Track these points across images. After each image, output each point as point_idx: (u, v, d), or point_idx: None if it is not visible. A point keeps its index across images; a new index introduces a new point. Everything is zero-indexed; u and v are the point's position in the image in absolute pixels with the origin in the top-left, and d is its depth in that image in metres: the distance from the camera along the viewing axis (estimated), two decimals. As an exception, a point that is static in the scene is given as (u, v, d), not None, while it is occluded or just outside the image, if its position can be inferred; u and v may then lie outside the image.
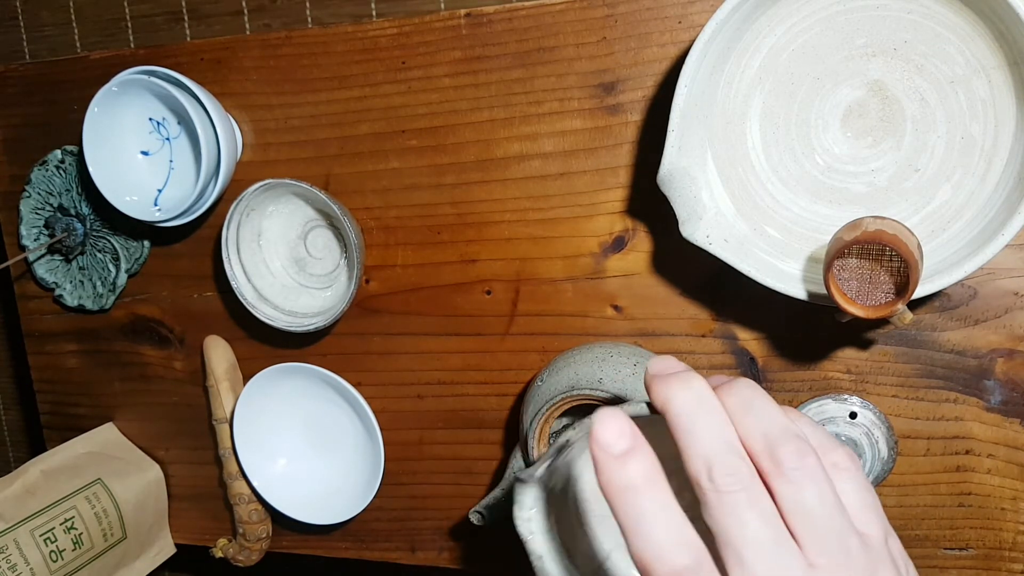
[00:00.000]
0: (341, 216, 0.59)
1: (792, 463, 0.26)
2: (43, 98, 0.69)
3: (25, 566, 0.60)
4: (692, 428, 0.26)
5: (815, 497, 0.25)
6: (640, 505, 0.25)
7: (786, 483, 0.26)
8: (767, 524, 0.25)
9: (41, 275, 0.71)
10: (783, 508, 0.26)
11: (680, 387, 0.28)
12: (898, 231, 0.43)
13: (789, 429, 0.27)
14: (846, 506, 0.26)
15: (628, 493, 0.25)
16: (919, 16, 0.48)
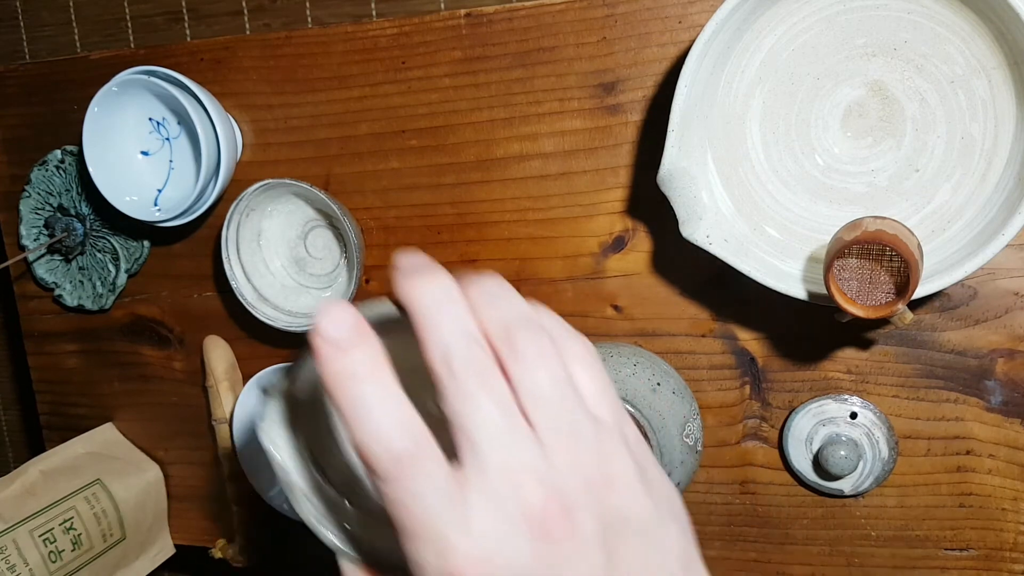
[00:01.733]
0: (341, 216, 0.59)
1: (526, 347, 0.26)
2: (43, 98, 0.69)
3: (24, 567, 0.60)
4: (433, 319, 0.26)
5: (547, 380, 0.26)
6: (360, 391, 0.25)
7: (520, 366, 0.26)
8: (500, 408, 0.25)
9: (41, 275, 0.71)
10: (517, 392, 0.26)
11: (423, 280, 0.27)
12: (898, 231, 0.43)
13: (528, 317, 0.27)
14: (581, 392, 0.27)
15: (348, 380, 0.25)
16: (919, 16, 0.48)
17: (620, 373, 0.52)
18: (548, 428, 0.26)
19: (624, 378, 0.52)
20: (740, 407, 0.58)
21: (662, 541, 0.27)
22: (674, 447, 0.51)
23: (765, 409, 0.57)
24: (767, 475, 0.58)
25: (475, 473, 0.25)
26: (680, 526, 0.28)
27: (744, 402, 0.58)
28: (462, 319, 0.26)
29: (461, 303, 0.27)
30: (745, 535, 0.59)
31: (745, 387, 0.57)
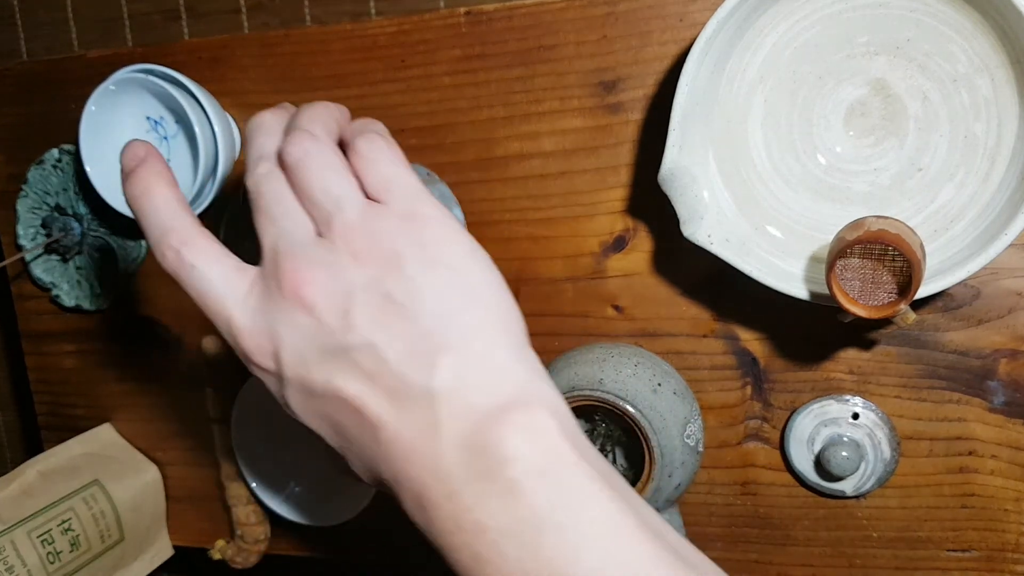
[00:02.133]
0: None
1: (303, 158, 0.32)
2: (40, 96, 0.69)
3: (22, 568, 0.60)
4: (249, 140, 0.35)
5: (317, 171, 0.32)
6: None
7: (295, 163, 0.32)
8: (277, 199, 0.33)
9: (38, 275, 0.70)
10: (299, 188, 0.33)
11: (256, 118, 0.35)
12: (901, 231, 0.43)
13: (311, 133, 0.33)
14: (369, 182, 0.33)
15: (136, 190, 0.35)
16: (922, 14, 0.47)
17: (621, 373, 0.52)
18: (326, 218, 0.32)
19: (625, 378, 0.51)
20: (741, 408, 0.57)
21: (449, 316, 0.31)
22: (675, 448, 0.51)
23: (766, 410, 0.57)
24: (768, 476, 0.58)
25: (264, 267, 0.32)
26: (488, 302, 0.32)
27: (745, 403, 0.57)
28: (267, 137, 0.34)
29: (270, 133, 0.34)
30: (746, 536, 0.59)
31: (746, 388, 0.57)
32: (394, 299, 0.30)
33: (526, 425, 0.29)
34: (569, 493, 0.28)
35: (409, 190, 0.33)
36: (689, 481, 0.53)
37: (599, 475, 0.29)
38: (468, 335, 0.30)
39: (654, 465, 0.49)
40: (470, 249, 0.32)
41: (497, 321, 0.31)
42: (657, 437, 0.49)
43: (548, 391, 0.31)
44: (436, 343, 0.30)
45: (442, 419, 0.29)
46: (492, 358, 0.30)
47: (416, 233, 0.31)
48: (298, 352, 0.31)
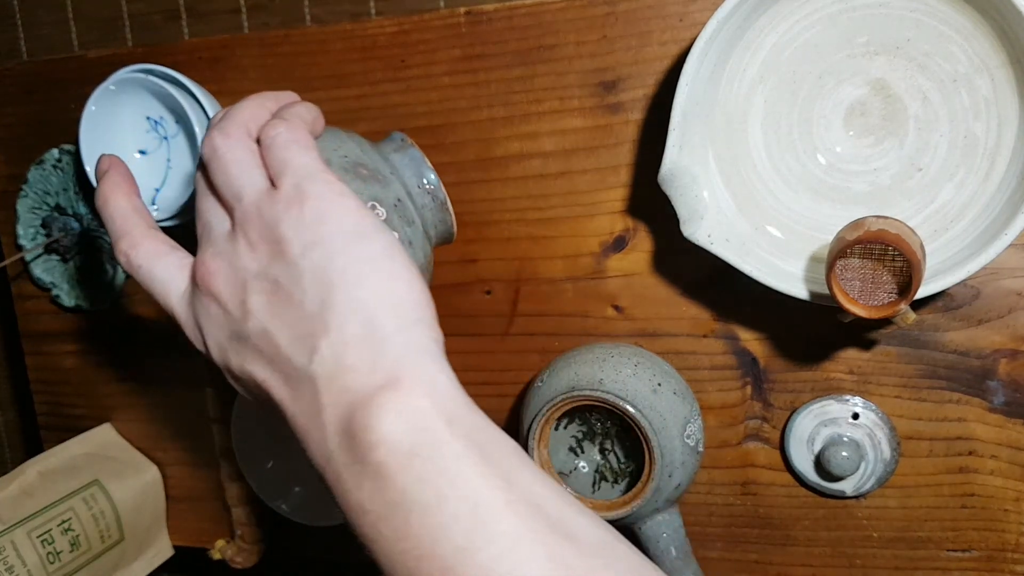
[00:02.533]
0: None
1: (216, 160, 0.35)
2: (40, 97, 0.69)
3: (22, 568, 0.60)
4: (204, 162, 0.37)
5: (225, 166, 0.34)
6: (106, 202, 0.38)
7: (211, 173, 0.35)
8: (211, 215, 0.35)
9: (38, 275, 0.70)
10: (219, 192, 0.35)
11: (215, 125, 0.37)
12: (901, 231, 0.43)
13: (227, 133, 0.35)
14: (269, 162, 0.34)
15: (103, 195, 0.38)
16: (922, 14, 0.47)
17: (621, 373, 0.52)
18: (233, 213, 0.34)
19: (625, 378, 0.51)
20: (741, 408, 0.57)
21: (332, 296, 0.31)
22: (675, 448, 0.51)
23: (766, 410, 0.57)
24: (768, 476, 0.58)
25: (203, 242, 0.35)
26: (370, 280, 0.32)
27: (745, 403, 0.57)
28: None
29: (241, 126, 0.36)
30: (746, 536, 0.59)
31: (746, 388, 0.57)
32: (281, 285, 0.31)
33: (396, 406, 0.29)
34: (437, 473, 0.28)
35: (298, 170, 0.33)
36: (689, 481, 0.53)
37: (473, 451, 0.29)
38: (346, 316, 0.30)
39: (654, 465, 0.49)
40: (354, 225, 0.32)
41: (380, 298, 0.31)
42: (657, 437, 0.49)
43: (427, 368, 0.30)
44: (316, 326, 0.31)
45: (324, 403, 0.30)
46: (370, 338, 0.30)
47: (297, 214, 0.32)
48: (216, 340, 0.34)
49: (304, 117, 0.36)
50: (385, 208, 0.38)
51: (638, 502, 0.49)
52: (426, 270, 0.40)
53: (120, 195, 0.37)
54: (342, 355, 0.30)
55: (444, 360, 0.32)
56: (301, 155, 0.34)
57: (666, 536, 0.52)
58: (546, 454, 0.52)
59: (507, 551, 0.27)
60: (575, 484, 0.56)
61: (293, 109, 0.37)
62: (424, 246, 0.40)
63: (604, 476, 0.57)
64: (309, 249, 0.31)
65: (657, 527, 0.52)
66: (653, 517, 0.52)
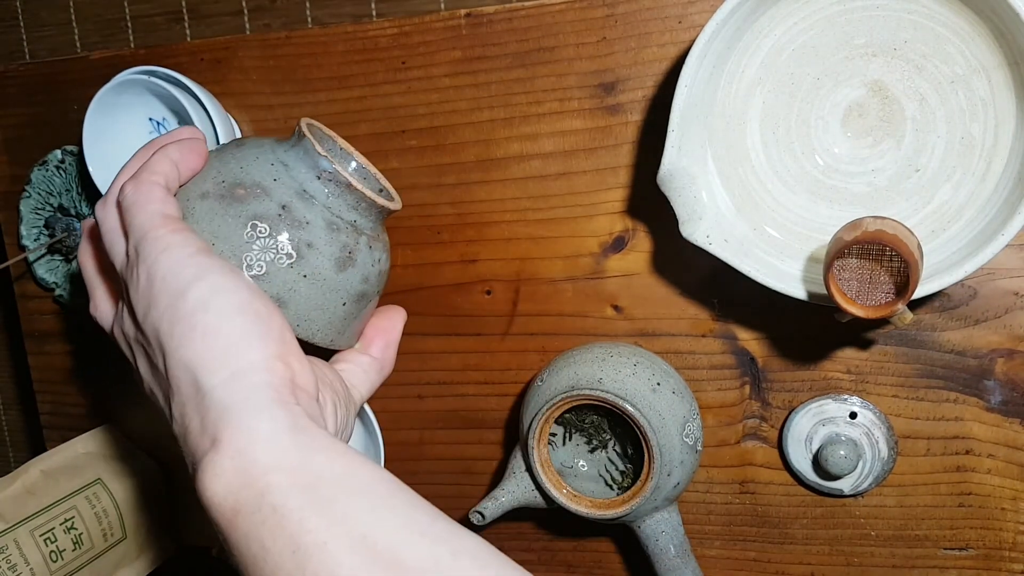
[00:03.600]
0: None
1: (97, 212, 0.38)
2: (43, 98, 0.69)
3: (25, 566, 0.60)
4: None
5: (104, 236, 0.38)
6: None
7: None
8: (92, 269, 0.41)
9: (41, 275, 0.71)
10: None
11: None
12: (898, 231, 0.43)
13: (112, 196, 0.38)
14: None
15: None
16: (919, 16, 0.48)
17: (620, 373, 0.52)
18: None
19: (624, 378, 0.52)
20: (740, 407, 0.58)
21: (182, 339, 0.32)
22: (674, 447, 0.51)
23: (765, 409, 0.57)
24: (767, 475, 0.58)
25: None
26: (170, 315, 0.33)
27: (744, 402, 0.58)
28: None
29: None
30: (745, 535, 0.59)
31: (745, 387, 0.58)
32: (143, 349, 0.34)
33: (216, 468, 0.29)
34: (259, 525, 0.28)
35: (135, 232, 0.35)
36: (688, 480, 0.53)
37: (295, 495, 0.29)
38: (179, 378, 0.31)
39: (653, 464, 0.49)
40: (174, 280, 0.32)
41: (200, 355, 0.31)
42: (656, 436, 0.49)
43: (245, 421, 0.30)
44: (167, 388, 0.32)
45: (193, 463, 0.31)
46: (196, 398, 0.31)
47: (135, 280, 0.34)
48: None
49: (162, 164, 0.37)
50: (268, 223, 0.37)
51: (637, 501, 0.50)
52: (354, 262, 0.40)
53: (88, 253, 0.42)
54: (183, 416, 0.31)
55: (270, 402, 0.31)
56: (138, 215, 0.35)
57: (665, 534, 0.53)
58: (546, 453, 0.53)
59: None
60: (575, 483, 0.57)
61: (153, 159, 0.37)
62: (339, 238, 0.39)
63: (603, 475, 0.57)
64: (146, 314, 0.33)
65: (656, 525, 0.53)
66: (652, 516, 0.53)
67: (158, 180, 0.36)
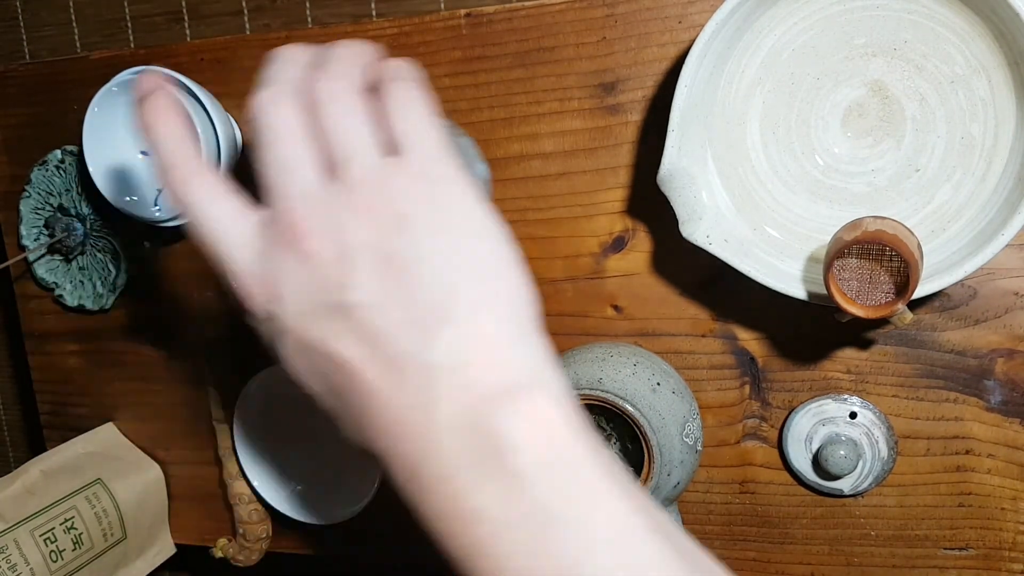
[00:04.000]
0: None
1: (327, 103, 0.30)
2: (43, 98, 0.69)
3: (25, 566, 0.60)
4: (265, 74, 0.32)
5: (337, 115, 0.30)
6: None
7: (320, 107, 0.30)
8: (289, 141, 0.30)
9: (41, 275, 0.71)
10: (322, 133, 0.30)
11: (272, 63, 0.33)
12: (898, 231, 0.43)
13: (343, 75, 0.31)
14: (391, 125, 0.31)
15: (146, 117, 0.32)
16: (919, 16, 0.48)
17: (620, 373, 0.52)
18: (339, 168, 0.30)
19: (624, 378, 0.52)
20: (740, 407, 0.58)
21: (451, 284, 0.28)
22: (674, 447, 0.51)
23: (765, 409, 0.57)
24: (767, 475, 0.58)
25: (269, 209, 0.30)
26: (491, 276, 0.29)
27: (744, 402, 0.58)
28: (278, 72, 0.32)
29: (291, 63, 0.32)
30: (745, 535, 0.59)
31: (745, 387, 0.58)
32: (397, 261, 0.28)
33: (530, 413, 0.27)
34: (577, 489, 0.26)
35: (432, 147, 0.30)
36: (688, 480, 0.53)
37: (607, 472, 0.27)
38: (473, 309, 0.28)
39: (653, 464, 0.49)
40: (484, 218, 0.30)
41: (506, 298, 0.29)
42: (656, 436, 0.49)
43: (555, 379, 0.29)
44: (437, 314, 0.28)
45: (439, 396, 0.27)
46: (497, 337, 0.28)
47: (429, 194, 0.29)
48: (297, 304, 0.29)
49: (421, 85, 0.32)
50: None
51: (637, 500, 0.50)
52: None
53: (171, 119, 0.32)
54: (466, 349, 0.28)
55: (561, 371, 0.30)
56: (434, 131, 0.31)
57: (665, 534, 0.53)
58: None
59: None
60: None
61: (409, 71, 0.32)
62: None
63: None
64: (437, 233, 0.29)
65: (656, 525, 0.53)
66: (652, 515, 0.53)
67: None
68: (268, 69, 0.32)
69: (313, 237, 0.29)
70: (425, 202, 0.29)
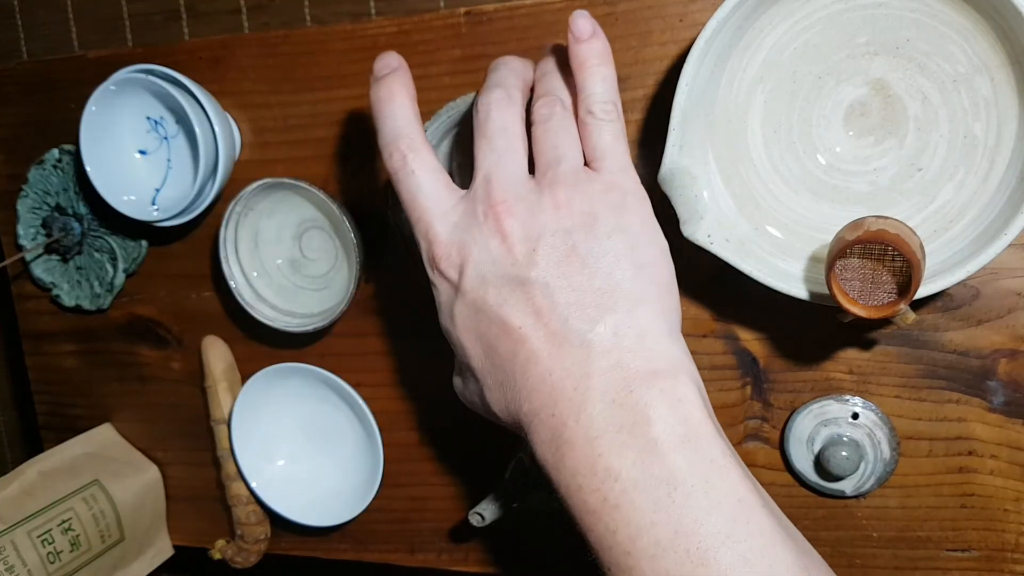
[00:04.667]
0: (340, 215, 0.58)
1: (543, 114, 0.38)
2: (40, 97, 0.69)
3: (23, 567, 0.60)
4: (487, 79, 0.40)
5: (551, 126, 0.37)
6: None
7: (535, 113, 0.38)
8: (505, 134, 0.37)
9: (38, 275, 0.70)
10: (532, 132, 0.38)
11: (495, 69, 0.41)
12: (900, 231, 0.43)
13: (556, 95, 0.38)
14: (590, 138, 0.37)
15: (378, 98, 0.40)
16: (921, 15, 0.47)
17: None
18: (542, 166, 0.36)
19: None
20: (741, 407, 0.58)
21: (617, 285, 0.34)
22: (675, 448, 0.51)
23: (766, 410, 0.57)
24: (768, 476, 0.58)
25: (474, 189, 0.36)
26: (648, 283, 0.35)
27: (745, 402, 0.57)
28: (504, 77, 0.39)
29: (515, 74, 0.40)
30: (746, 536, 0.59)
31: (746, 387, 0.57)
32: (578, 252, 0.34)
33: (673, 393, 0.31)
34: (705, 462, 0.30)
35: (620, 163, 0.37)
36: (689, 481, 0.53)
37: (730, 452, 0.31)
38: (632, 303, 0.33)
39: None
40: (655, 230, 0.37)
41: (660, 301, 0.34)
42: (657, 437, 0.49)
43: (692, 371, 0.33)
44: (603, 302, 0.33)
45: (594, 369, 0.32)
46: (649, 329, 0.33)
47: (614, 201, 0.35)
48: (481, 272, 0.34)
49: (617, 106, 0.39)
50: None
51: (638, 502, 0.49)
52: None
53: (405, 95, 0.39)
54: (623, 335, 0.33)
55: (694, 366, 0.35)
56: (623, 150, 0.37)
57: (666, 536, 0.52)
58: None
59: (767, 548, 0.29)
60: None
61: (611, 93, 0.38)
62: None
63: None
64: (616, 233, 0.35)
65: (657, 527, 0.52)
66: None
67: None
68: (495, 74, 0.39)
69: (512, 217, 0.34)
70: (611, 207, 0.35)
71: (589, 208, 0.35)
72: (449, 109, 0.53)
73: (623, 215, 0.35)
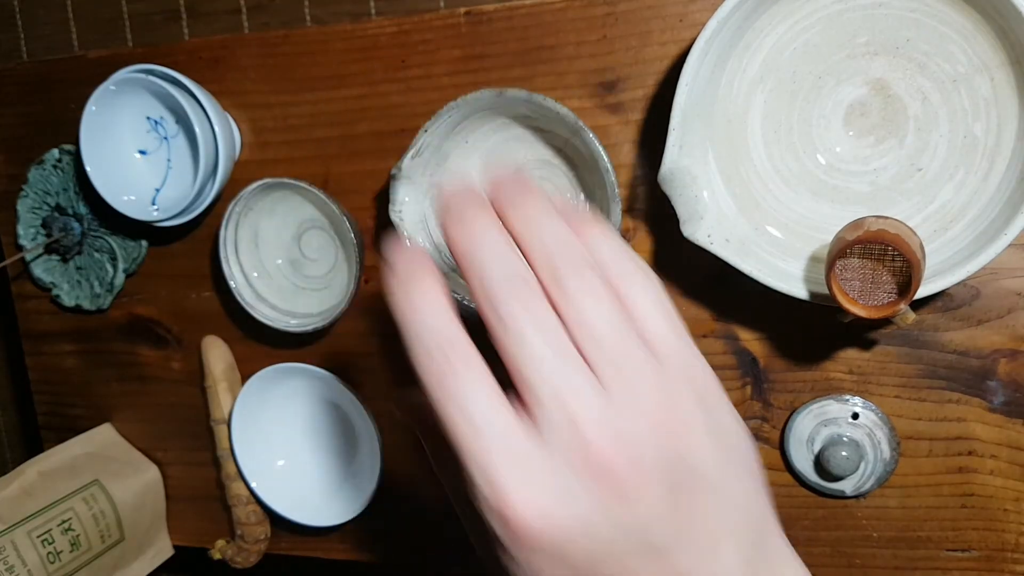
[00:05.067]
0: (341, 215, 0.58)
1: (571, 282, 0.25)
2: (40, 97, 0.69)
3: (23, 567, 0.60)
4: (472, 262, 0.26)
5: (599, 318, 0.25)
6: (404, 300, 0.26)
7: (569, 304, 0.25)
8: (553, 349, 0.24)
9: (38, 275, 0.70)
10: (571, 331, 0.25)
11: (456, 223, 0.26)
12: (900, 231, 0.43)
13: (570, 244, 0.26)
14: (641, 327, 0.26)
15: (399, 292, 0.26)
16: (921, 14, 0.47)
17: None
18: (607, 370, 0.25)
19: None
20: (741, 408, 0.57)
21: (732, 497, 0.26)
22: (675, 448, 0.51)
23: (766, 410, 0.57)
24: (768, 476, 0.57)
25: (538, 420, 0.24)
26: (753, 483, 0.27)
27: (745, 403, 0.57)
28: (501, 258, 0.25)
29: (496, 240, 0.26)
30: (746, 536, 0.59)
31: (746, 387, 0.57)
32: (686, 487, 0.25)
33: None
34: None
35: (685, 346, 0.28)
36: (689, 481, 0.53)
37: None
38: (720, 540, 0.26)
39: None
40: (741, 428, 0.28)
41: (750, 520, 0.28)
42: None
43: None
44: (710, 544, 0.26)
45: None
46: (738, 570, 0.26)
47: (697, 398, 0.27)
48: (599, 537, 0.24)
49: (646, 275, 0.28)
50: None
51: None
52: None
53: (433, 294, 0.25)
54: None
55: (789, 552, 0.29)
56: (680, 327, 0.27)
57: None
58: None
59: None
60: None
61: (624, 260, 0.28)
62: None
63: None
64: (714, 438, 0.26)
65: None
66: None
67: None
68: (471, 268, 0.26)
69: (619, 458, 0.24)
70: (698, 406, 0.26)
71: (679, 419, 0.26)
72: (449, 109, 0.53)
73: (712, 411, 0.28)
